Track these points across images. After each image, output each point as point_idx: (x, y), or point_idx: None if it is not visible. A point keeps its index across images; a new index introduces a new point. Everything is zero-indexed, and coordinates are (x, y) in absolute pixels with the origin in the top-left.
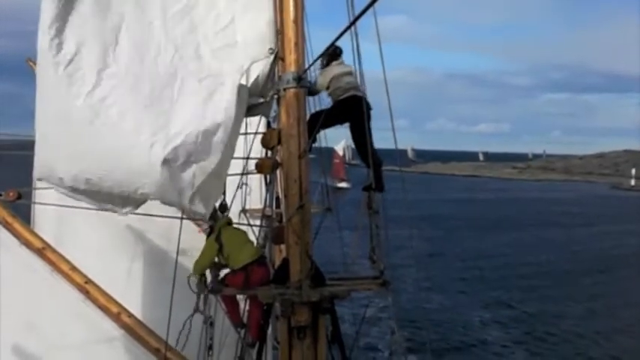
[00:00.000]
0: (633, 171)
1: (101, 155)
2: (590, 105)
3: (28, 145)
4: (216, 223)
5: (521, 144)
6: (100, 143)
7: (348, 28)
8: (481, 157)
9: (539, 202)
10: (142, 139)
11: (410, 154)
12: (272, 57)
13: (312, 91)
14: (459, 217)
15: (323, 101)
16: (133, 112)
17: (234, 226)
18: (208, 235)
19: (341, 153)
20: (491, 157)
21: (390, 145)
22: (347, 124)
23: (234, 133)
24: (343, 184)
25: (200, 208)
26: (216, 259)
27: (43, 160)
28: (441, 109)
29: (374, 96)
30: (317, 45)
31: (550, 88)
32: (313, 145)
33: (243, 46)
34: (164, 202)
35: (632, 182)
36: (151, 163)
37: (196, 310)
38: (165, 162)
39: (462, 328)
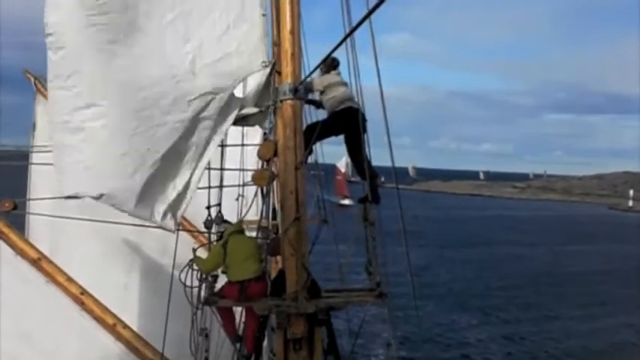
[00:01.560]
0: (631, 192)
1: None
2: (592, 126)
3: (25, 156)
4: (226, 229)
5: (524, 164)
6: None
7: (343, 40)
8: (482, 176)
9: (536, 221)
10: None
11: (411, 172)
12: (268, 68)
13: (307, 88)
14: (456, 233)
15: (320, 115)
16: (121, 131)
17: (245, 235)
18: (218, 240)
19: (343, 170)
20: (493, 177)
21: (390, 163)
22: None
23: (208, 153)
24: (346, 201)
25: (170, 224)
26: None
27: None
28: (445, 128)
29: (374, 112)
30: (314, 59)
31: (553, 109)
32: (309, 160)
33: (237, 57)
34: (136, 215)
35: (630, 203)
36: (125, 177)
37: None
38: (141, 177)
39: (457, 342)
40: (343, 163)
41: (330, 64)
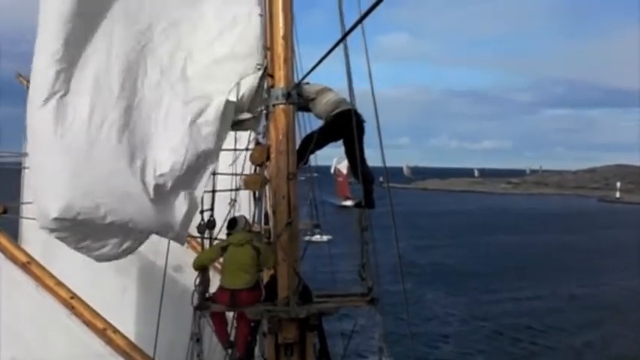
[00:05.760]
0: (618, 184)
1: (98, 181)
2: (590, 120)
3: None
4: (231, 238)
5: (523, 160)
6: (97, 169)
7: (337, 44)
8: (476, 174)
9: (526, 214)
10: (133, 166)
11: (406, 171)
12: (260, 72)
13: (299, 93)
14: (446, 229)
15: (314, 121)
16: (125, 138)
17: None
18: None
19: (345, 172)
20: (489, 174)
21: (388, 163)
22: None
23: (215, 158)
24: (348, 202)
25: (183, 239)
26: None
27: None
28: (443, 126)
29: (368, 114)
30: (307, 63)
31: (552, 104)
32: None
33: (231, 61)
34: (156, 233)
35: (617, 195)
36: (141, 189)
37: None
38: (157, 187)
39: (452, 344)
40: (345, 164)
41: None
